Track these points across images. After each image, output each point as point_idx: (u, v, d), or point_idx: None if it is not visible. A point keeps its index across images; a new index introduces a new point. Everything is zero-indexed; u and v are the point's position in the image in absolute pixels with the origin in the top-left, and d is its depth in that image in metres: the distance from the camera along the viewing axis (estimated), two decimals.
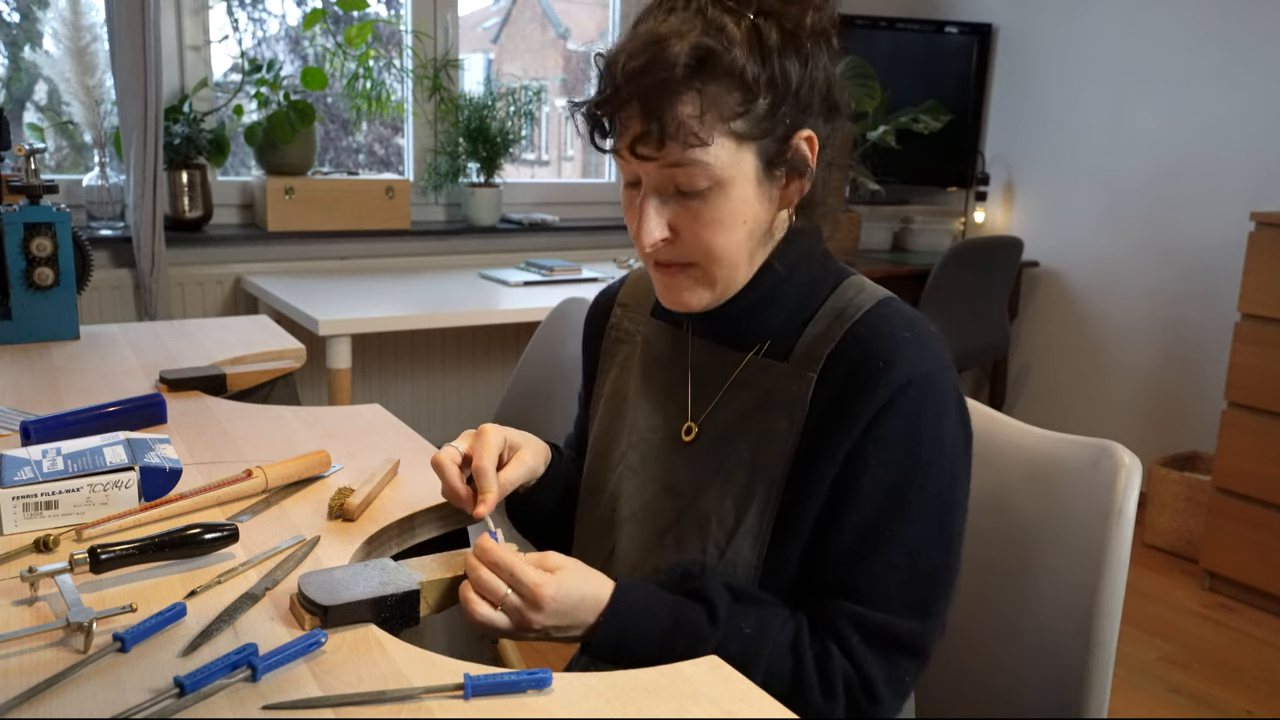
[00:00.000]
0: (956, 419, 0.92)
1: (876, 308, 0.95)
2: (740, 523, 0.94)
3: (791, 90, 0.88)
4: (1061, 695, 1.00)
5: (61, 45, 2.69)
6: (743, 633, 0.89)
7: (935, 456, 0.90)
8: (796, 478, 0.92)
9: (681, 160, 0.87)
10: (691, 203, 0.89)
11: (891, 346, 0.90)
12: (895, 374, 0.89)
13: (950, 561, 0.92)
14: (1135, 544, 1.37)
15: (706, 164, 0.87)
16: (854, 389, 0.90)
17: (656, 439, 1.02)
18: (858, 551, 0.90)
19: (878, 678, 0.89)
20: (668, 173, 0.88)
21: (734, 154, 0.88)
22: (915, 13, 3.91)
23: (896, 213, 3.91)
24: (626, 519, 1.02)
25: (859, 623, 0.89)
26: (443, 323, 2.50)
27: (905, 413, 0.89)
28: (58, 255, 1.72)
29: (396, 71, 3.17)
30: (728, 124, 0.86)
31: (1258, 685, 2.40)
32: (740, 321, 0.97)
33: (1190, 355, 3.24)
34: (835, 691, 0.88)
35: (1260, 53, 3.01)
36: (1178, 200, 3.24)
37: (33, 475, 1.00)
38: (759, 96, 0.87)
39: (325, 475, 1.18)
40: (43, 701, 0.71)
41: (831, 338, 0.93)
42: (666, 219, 0.91)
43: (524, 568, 0.85)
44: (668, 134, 0.85)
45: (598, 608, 0.87)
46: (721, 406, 0.98)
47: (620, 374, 1.09)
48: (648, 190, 0.91)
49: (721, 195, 0.89)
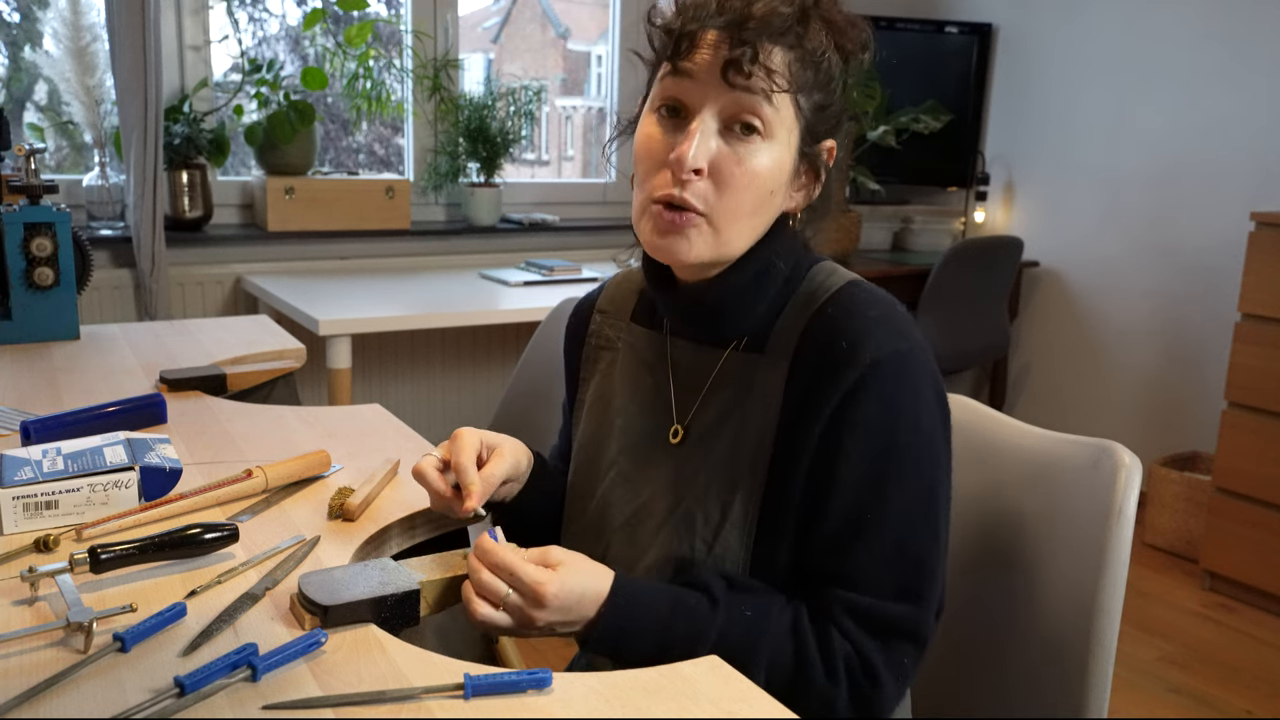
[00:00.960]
0: (932, 398, 0.92)
1: (844, 288, 0.95)
2: (726, 517, 0.94)
3: (835, 100, 0.94)
4: (1061, 695, 1.00)
5: (61, 45, 2.69)
6: (744, 616, 0.89)
7: (913, 438, 0.90)
8: (777, 468, 0.92)
9: (758, 92, 0.88)
10: (739, 147, 0.90)
11: (858, 327, 0.90)
12: (862, 354, 0.89)
13: (938, 544, 0.92)
14: (1135, 544, 1.37)
15: (773, 112, 0.89)
16: (822, 371, 0.90)
17: (644, 444, 1.02)
18: (844, 539, 0.90)
19: (878, 661, 0.89)
20: (735, 100, 0.89)
21: (790, 121, 0.91)
22: (915, 13, 3.91)
23: (896, 213, 3.91)
24: (619, 525, 1.02)
25: (853, 609, 0.90)
26: (443, 323, 2.50)
27: (876, 395, 0.88)
28: (58, 255, 1.72)
29: (396, 71, 3.17)
30: (797, 95, 0.90)
31: (1258, 685, 2.40)
32: (718, 316, 0.97)
33: (1190, 355, 3.24)
34: (838, 673, 0.88)
35: (1261, 52, 3.01)
36: (1178, 200, 3.24)
37: (33, 475, 1.01)
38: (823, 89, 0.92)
39: (325, 475, 1.18)
40: (43, 701, 0.71)
41: (800, 323, 0.94)
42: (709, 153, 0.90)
43: (525, 567, 0.85)
44: (766, 64, 0.87)
45: (599, 601, 0.87)
46: (705, 405, 0.99)
47: (603, 381, 1.09)
48: (706, 115, 0.90)
49: (768, 149, 0.90)
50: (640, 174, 0.94)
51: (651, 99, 0.95)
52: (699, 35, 0.89)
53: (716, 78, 0.88)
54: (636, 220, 0.95)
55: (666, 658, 0.83)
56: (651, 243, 0.94)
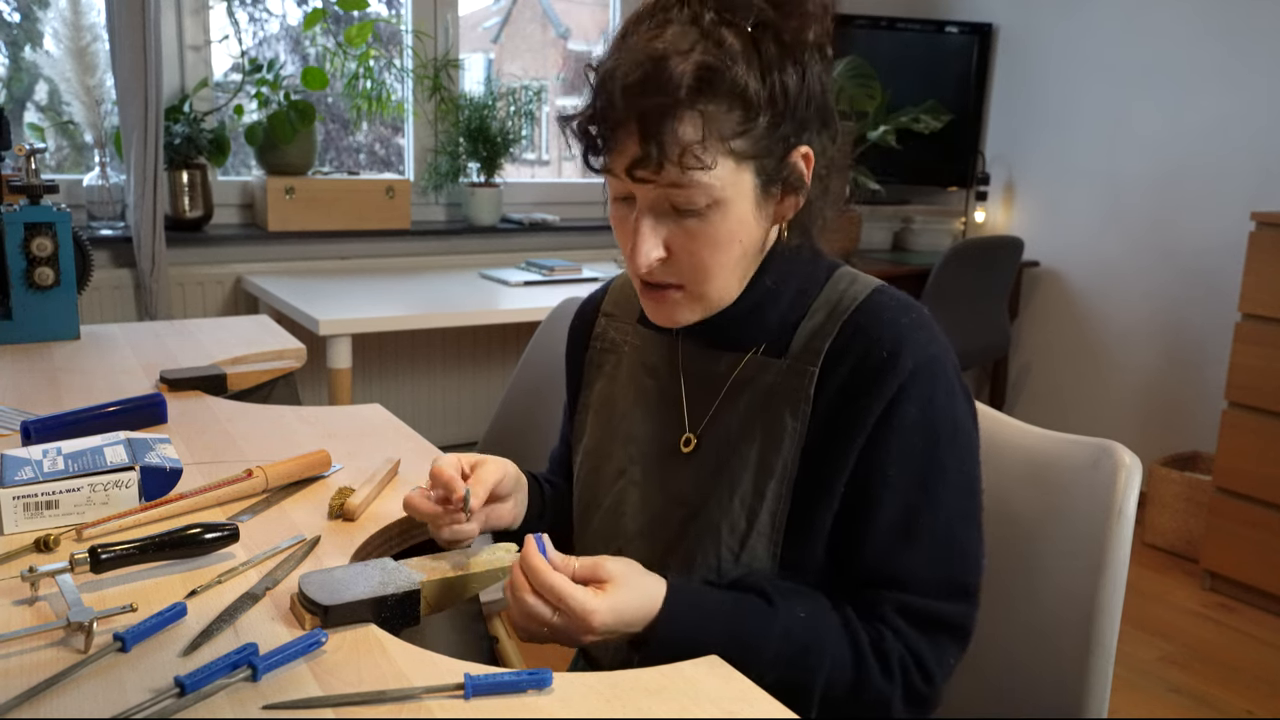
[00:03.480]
0: (963, 397, 0.93)
1: (872, 296, 0.94)
2: (752, 526, 0.93)
3: (790, 106, 0.86)
4: (1061, 695, 1.00)
5: (62, 45, 2.69)
6: (799, 617, 0.88)
7: (953, 437, 0.90)
8: (806, 475, 0.92)
9: (680, 181, 0.84)
10: (688, 222, 0.87)
11: (895, 335, 0.90)
12: (902, 362, 0.89)
13: (979, 539, 0.93)
14: (1135, 544, 1.37)
15: (707, 185, 0.84)
16: (862, 380, 0.90)
17: (655, 451, 1.01)
18: (896, 541, 0.90)
19: (930, 660, 0.89)
20: (665, 192, 0.86)
21: (733, 174, 0.85)
22: (915, 12, 3.91)
23: (897, 213, 3.91)
24: (635, 534, 1.00)
25: (904, 609, 0.90)
26: (443, 323, 2.50)
27: (916, 399, 0.89)
28: (58, 255, 1.72)
29: (397, 71, 3.17)
30: (728, 144, 0.84)
31: (1258, 685, 2.40)
32: (731, 328, 0.96)
33: (1191, 355, 3.24)
34: (893, 673, 0.88)
35: (1261, 51, 3.01)
36: (1178, 199, 3.24)
37: (33, 475, 1.01)
38: (760, 114, 0.84)
39: (325, 475, 1.18)
40: (43, 701, 0.71)
41: (829, 330, 0.93)
42: (662, 238, 0.88)
43: (573, 593, 0.81)
44: (668, 156, 0.82)
45: (651, 614, 0.84)
46: (720, 412, 0.97)
47: (608, 384, 1.07)
48: (643, 209, 0.88)
49: (720, 215, 0.87)
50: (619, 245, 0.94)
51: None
52: (610, 137, 0.85)
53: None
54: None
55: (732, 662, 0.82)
56: (649, 312, 0.95)
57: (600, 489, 1.05)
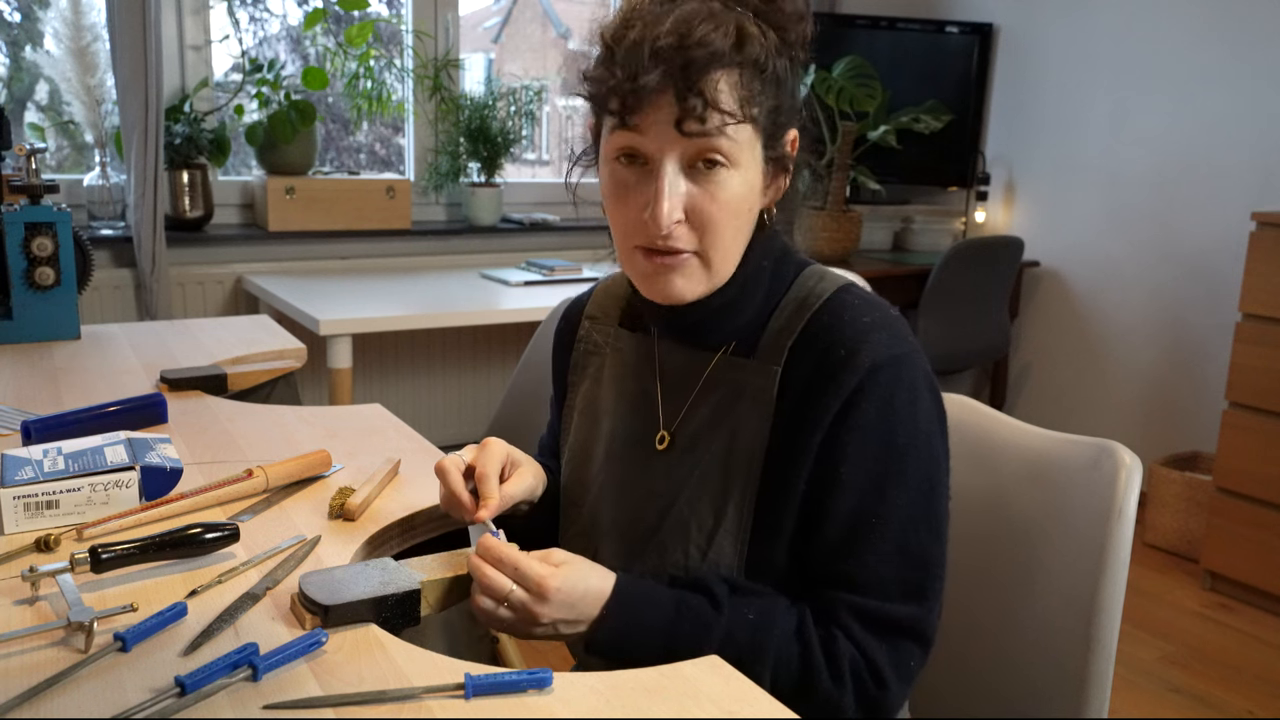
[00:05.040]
0: (929, 400, 0.92)
1: (837, 294, 0.95)
2: (719, 523, 0.94)
3: (788, 91, 0.91)
4: (1061, 695, 1.00)
5: (62, 45, 2.69)
6: (747, 619, 0.89)
7: (912, 440, 0.90)
8: (771, 473, 0.92)
9: (721, 133, 0.86)
10: (709, 183, 0.88)
11: (855, 334, 0.90)
12: (861, 360, 0.89)
13: (940, 544, 0.93)
14: (1135, 544, 1.37)
15: (737, 142, 0.87)
16: (821, 378, 0.90)
17: (631, 450, 1.02)
18: (847, 542, 0.90)
19: (884, 663, 0.89)
20: (699, 145, 0.86)
21: (751, 138, 0.89)
22: (916, 12, 3.91)
23: (897, 213, 3.91)
24: (607, 531, 1.02)
25: (858, 611, 0.90)
26: (443, 323, 2.50)
27: (875, 399, 0.89)
28: (58, 255, 1.72)
29: (397, 71, 3.17)
30: (750, 109, 0.87)
31: (1258, 685, 2.40)
32: (708, 322, 0.96)
33: (1191, 355, 3.24)
34: (844, 676, 0.88)
35: (1262, 51, 3.01)
36: (1179, 199, 3.24)
37: (33, 475, 1.01)
38: (772, 89, 0.89)
39: (326, 475, 1.18)
40: (43, 701, 0.71)
41: (793, 328, 0.93)
42: (681, 201, 0.89)
43: (529, 562, 0.85)
44: (715, 106, 0.85)
45: (601, 599, 0.87)
46: (693, 410, 0.98)
47: (591, 386, 1.09)
48: (668, 168, 0.87)
49: (738, 177, 0.89)
50: (615, 218, 0.93)
51: (606, 148, 0.92)
52: (642, 91, 0.85)
53: (671, 130, 0.86)
54: (623, 260, 0.95)
55: (671, 659, 0.83)
56: (643, 285, 0.94)
57: (582, 488, 1.06)
